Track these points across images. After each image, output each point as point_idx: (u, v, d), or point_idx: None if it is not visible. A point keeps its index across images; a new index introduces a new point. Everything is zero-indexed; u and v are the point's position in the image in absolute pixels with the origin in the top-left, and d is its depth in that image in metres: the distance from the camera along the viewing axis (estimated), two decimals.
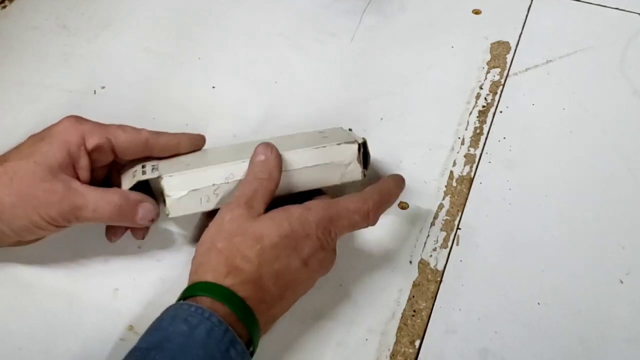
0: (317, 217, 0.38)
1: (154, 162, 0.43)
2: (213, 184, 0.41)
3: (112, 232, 0.44)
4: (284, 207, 0.39)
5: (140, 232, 0.44)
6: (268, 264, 0.37)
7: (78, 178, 0.40)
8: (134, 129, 0.42)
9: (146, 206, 0.41)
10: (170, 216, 0.41)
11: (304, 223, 0.38)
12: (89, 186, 0.40)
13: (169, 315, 0.35)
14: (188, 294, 0.36)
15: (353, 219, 0.40)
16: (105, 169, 0.44)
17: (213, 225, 0.39)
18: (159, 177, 0.41)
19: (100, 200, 0.39)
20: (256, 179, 0.40)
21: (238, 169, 0.42)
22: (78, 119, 0.42)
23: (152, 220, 0.41)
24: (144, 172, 0.42)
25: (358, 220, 0.40)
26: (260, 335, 0.37)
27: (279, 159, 0.41)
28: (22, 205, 0.38)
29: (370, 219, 0.41)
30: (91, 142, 0.41)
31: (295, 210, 0.39)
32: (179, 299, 0.36)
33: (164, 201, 0.41)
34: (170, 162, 0.43)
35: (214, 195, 0.41)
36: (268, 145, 0.41)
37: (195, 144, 0.45)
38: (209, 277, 0.36)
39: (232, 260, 0.36)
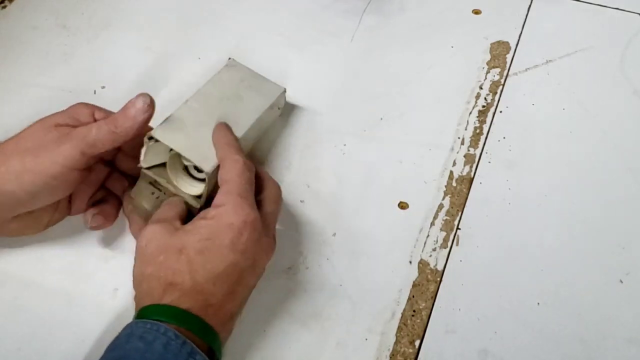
0: (230, 205, 0.38)
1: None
2: None
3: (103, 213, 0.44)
4: (194, 219, 0.39)
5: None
6: (200, 269, 0.36)
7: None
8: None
9: (138, 97, 0.40)
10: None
11: (219, 217, 0.38)
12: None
13: (125, 334, 0.35)
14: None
15: (246, 179, 0.39)
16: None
17: (136, 257, 0.38)
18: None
19: (100, 123, 0.40)
20: (163, 207, 0.42)
21: None
22: (88, 104, 0.43)
23: (148, 109, 0.40)
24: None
25: (249, 176, 0.40)
26: (221, 339, 0.36)
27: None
28: (36, 160, 0.39)
29: (245, 162, 0.40)
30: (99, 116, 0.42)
31: (204, 212, 0.39)
32: None
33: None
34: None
35: None
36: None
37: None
38: (147, 303, 0.36)
39: (164, 279, 0.36)
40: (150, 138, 0.42)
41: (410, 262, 0.45)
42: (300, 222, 0.47)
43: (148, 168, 0.43)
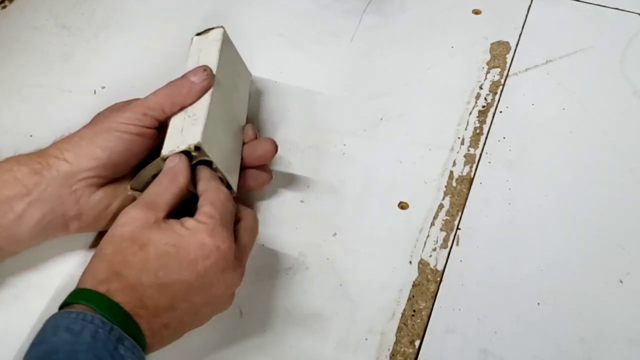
0: (209, 225, 0.37)
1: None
2: None
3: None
4: (172, 220, 0.38)
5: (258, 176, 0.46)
6: (150, 271, 0.35)
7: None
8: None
9: (199, 68, 0.44)
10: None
11: (195, 230, 0.37)
12: None
13: (50, 326, 0.34)
14: (67, 301, 0.35)
15: (228, 209, 0.39)
16: None
17: (108, 231, 0.38)
18: None
19: (158, 89, 0.43)
20: (161, 182, 0.40)
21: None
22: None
23: (207, 77, 0.43)
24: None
25: (231, 207, 0.39)
26: (148, 343, 0.35)
27: (186, 163, 0.41)
28: (104, 122, 0.42)
29: (228, 193, 0.40)
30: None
31: (185, 220, 0.38)
32: (60, 307, 0.35)
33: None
34: None
35: None
36: (177, 156, 0.41)
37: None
38: (87, 284, 0.35)
39: (114, 266, 0.36)
40: (197, 149, 0.41)
41: (410, 262, 0.45)
42: (300, 222, 0.47)
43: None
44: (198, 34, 0.48)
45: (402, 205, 0.48)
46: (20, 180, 0.40)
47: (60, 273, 0.44)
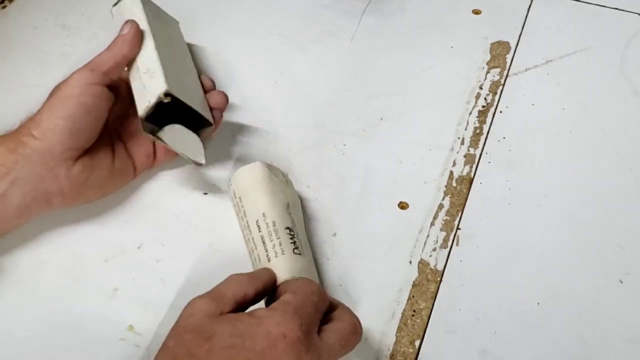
0: (278, 313, 0.35)
1: None
2: None
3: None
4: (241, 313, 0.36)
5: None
6: None
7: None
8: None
9: (120, 28, 0.46)
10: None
11: (262, 320, 0.35)
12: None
13: None
14: None
15: (312, 302, 0.36)
16: None
17: (175, 322, 0.37)
18: None
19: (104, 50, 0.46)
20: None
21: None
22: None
23: (128, 22, 0.46)
24: None
25: (316, 300, 0.37)
26: None
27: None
28: (58, 92, 0.43)
29: (325, 296, 0.38)
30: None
31: (256, 310, 0.36)
32: None
33: None
34: None
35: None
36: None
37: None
38: None
39: (182, 356, 0.34)
40: (168, 94, 0.42)
41: (410, 262, 0.45)
42: None
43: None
44: (114, 5, 0.50)
45: (402, 205, 0.48)
46: None
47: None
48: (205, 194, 0.49)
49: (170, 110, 0.43)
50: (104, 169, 0.45)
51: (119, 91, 0.46)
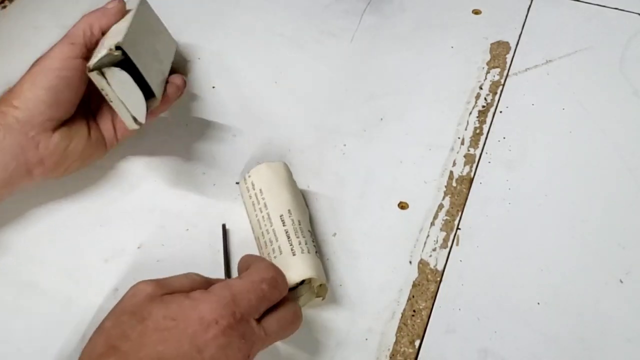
0: (214, 299, 0.35)
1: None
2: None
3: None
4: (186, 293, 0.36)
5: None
6: (149, 345, 0.33)
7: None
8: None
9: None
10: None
11: (198, 302, 0.35)
12: None
13: None
14: None
15: (259, 290, 0.36)
16: None
17: (117, 302, 0.37)
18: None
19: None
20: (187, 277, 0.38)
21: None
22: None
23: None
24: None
25: (266, 289, 0.36)
26: None
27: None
28: (39, 64, 0.44)
29: (280, 286, 0.37)
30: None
31: (193, 294, 0.36)
32: None
33: None
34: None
35: None
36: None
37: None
38: (85, 359, 0.34)
39: (112, 340, 0.34)
40: (118, 48, 0.41)
41: (410, 262, 0.45)
42: None
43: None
44: None
45: (402, 205, 0.48)
46: None
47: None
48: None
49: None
50: (82, 139, 0.45)
51: None
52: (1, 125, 0.42)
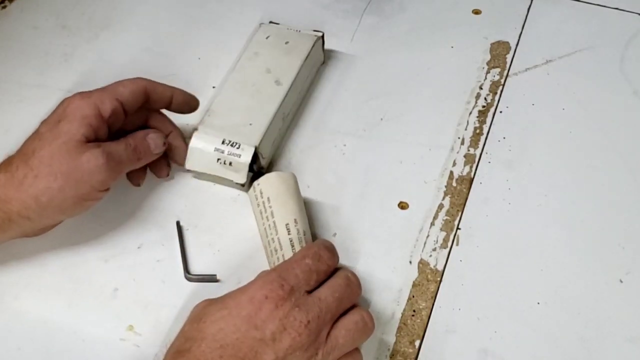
0: (260, 280, 0.37)
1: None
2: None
3: (135, 176, 0.48)
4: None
5: (164, 169, 0.49)
6: (209, 337, 0.35)
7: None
8: (130, 80, 0.45)
9: (152, 136, 0.46)
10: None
11: (246, 289, 0.36)
12: (112, 142, 0.43)
13: None
14: None
15: (304, 265, 0.37)
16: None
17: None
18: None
19: (121, 150, 0.43)
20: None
21: None
22: (83, 94, 0.43)
23: (165, 145, 0.46)
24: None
25: (310, 263, 0.38)
26: None
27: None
28: (70, 183, 0.40)
29: (324, 258, 0.38)
30: (106, 110, 0.43)
31: (242, 287, 0.37)
32: None
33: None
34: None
35: None
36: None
37: (188, 101, 0.49)
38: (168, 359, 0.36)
39: (176, 346, 0.36)
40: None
41: (410, 262, 0.45)
42: None
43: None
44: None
45: (402, 205, 0.48)
46: None
47: None
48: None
49: None
50: (44, 227, 0.45)
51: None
52: (6, 232, 0.42)
